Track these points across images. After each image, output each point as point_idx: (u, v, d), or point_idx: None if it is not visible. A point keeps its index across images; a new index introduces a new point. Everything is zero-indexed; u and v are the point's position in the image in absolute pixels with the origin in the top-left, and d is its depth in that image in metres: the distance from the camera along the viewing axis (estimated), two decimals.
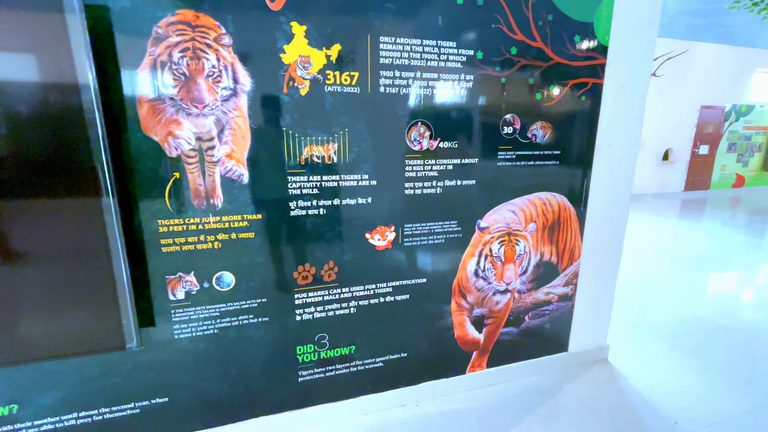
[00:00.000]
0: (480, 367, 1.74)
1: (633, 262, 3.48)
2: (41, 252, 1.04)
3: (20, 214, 1.00)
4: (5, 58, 0.93)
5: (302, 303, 1.40)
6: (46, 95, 0.97)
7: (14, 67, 0.94)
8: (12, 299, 1.04)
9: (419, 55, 1.31)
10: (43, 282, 1.06)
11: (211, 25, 1.11)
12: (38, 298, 1.06)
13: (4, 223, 0.99)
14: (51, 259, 1.05)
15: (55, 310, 1.08)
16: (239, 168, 1.22)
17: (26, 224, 1.01)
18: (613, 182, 1.72)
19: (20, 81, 0.94)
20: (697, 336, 2.23)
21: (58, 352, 1.11)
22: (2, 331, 1.05)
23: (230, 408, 1.40)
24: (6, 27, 0.91)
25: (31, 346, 1.08)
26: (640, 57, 1.61)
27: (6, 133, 0.95)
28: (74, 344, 1.12)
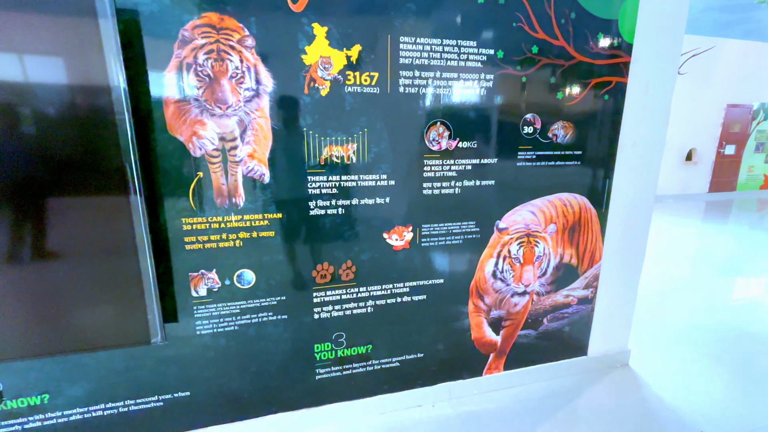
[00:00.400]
0: (497, 370, 1.73)
1: (655, 265, 3.39)
2: (73, 249, 1.08)
3: (53, 211, 1.04)
4: (41, 61, 0.97)
5: (320, 301, 1.41)
6: (79, 97, 1.00)
7: (49, 70, 0.97)
8: (45, 294, 1.08)
9: (439, 54, 1.31)
10: (74, 277, 1.10)
11: (235, 27, 1.13)
12: (69, 293, 1.10)
13: (39, 220, 1.03)
14: (82, 256, 1.09)
15: (85, 305, 1.12)
16: (261, 168, 1.24)
17: (59, 222, 1.05)
18: (636, 183, 1.68)
19: (55, 83, 0.98)
20: (723, 342, 2.16)
21: (87, 345, 1.15)
22: (37, 324, 1.09)
23: (249, 404, 1.43)
24: (42, 31, 0.95)
25: (63, 338, 1.12)
26: (667, 54, 1.56)
27: (41, 133, 0.99)
28: (102, 338, 1.16)
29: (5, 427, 1.22)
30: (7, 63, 0.94)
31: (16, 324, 1.08)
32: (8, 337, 1.08)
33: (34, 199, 1.02)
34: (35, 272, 1.06)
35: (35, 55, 0.96)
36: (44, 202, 1.03)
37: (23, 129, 0.98)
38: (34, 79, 0.96)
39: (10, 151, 0.98)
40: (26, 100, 0.97)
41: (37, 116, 0.98)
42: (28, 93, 0.97)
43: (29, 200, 1.02)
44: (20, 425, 1.23)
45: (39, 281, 1.07)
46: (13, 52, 0.94)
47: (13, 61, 0.95)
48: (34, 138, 0.99)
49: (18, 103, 0.96)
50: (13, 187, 1.00)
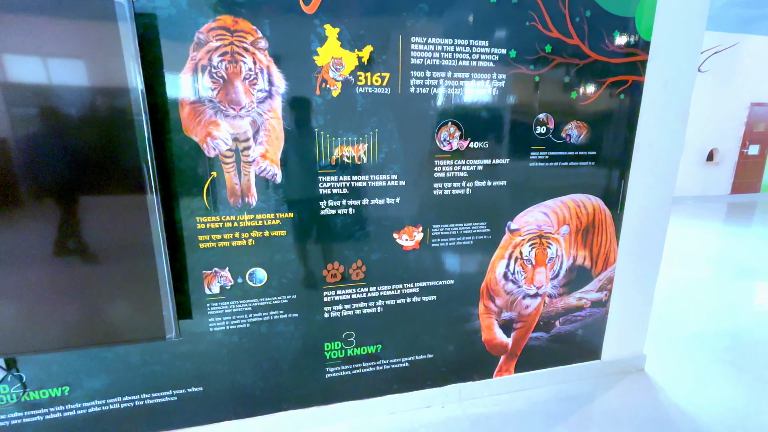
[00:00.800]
0: (508, 372, 1.71)
1: (674, 268, 3.30)
2: (92, 246, 1.12)
3: (74, 210, 1.08)
4: (63, 63, 1.00)
5: (330, 300, 1.42)
6: (99, 98, 1.03)
7: (71, 72, 1.01)
8: (66, 290, 1.12)
9: (450, 54, 1.31)
10: (92, 274, 1.13)
11: (248, 29, 1.15)
12: (89, 289, 1.14)
13: (60, 218, 1.07)
14: (100, 253, 1.13)
15: (103, 301, 1.16)
16: (273, 168, 1.26)
17: (78, 219, 1.09)
18: (653, 185, 1.64)
19: (76, 85, 1.01)
20: (744, 349, 2.09)
21: (105, 339, 1.19)
22: (58, 318, 1.13)
23: (260, 400, 1.45)
24: (65, 35, 0.98)
25: (83, 333, 1.16)
26: (686, 52, 1.52)
27: (63, 133, 1.03)
28: (119, 333, 1.19)
29: (28, 417, 1.26)
30: (31, 65, 0.98)
31: (39, 318, 1.12)
32: (31, 330, 1.12)
33: (56, 198, 1.06)
34: (56, 268, 1.10)
35: (58, 57, 0.99)
36: (65, 201, 1.07)
37: (46, 129, 1.02)
38: (57, 80, 1.00)
39: (35, 151, 1.02)
40: (49, 101, 1.00)
41: (59, 117, 1.02)
42: (50, 94, 1.00)
43: (51, 199, 1.06)
44: (42, 416, 1.27)
45: (59, 277, 1.11)
46: (37, 55, 0.98)
47: (38, 64, 0.99)
48: (56, 138, 1.03)
49: (41, 104, 1.00)
50: (37, 186, 1.04)
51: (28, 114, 1.00)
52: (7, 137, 1.00)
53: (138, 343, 1.25)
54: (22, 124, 1.00)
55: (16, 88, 0.98)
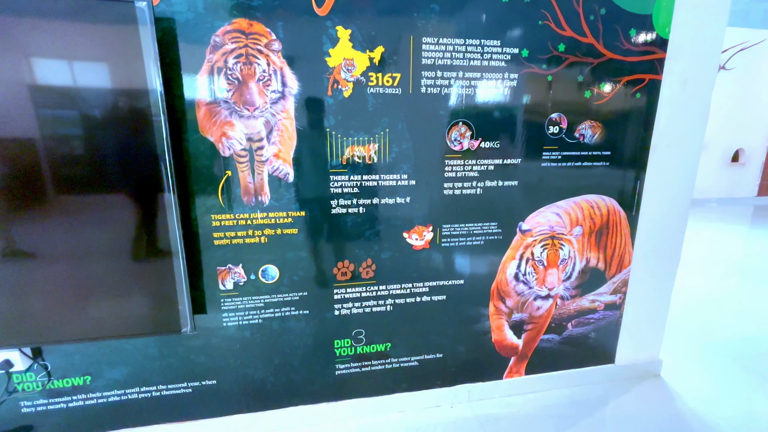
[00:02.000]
0: (518, 374, 1.70)
1: (695, 272, 3.21)
2: (112, 242, 1.16)
3: (95, 207, 1.13)
4: (86, 65, 1.04)
5: (341, 298, 1.44)
6: (119, 99, 1.08)
7: (93, 74, 1.05)
8: (88, 283, 1.17)
9: (462, 54, 1.31)
10: (113, 269, 1.18)
11: (263, 32, 1.17)
12: (109, 284, 1.19)
13: (82, 215, 1.12)
14: (120, 249, 1.17)
15: (122, 295, 1.20)
16: (286, 167, 1.28)
17: (100, 216, 1.13)
18: (670, 186, 1.60)
19: (98, 86, 1.06)
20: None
21: (124, 331, 1.24)
22: (80, 311, 1.18)
23: (271, 395, 1.48)
24: (88, 39, 1.03)
25: (103, 325, 1.21)
26: (706, 50, 1.48)
27: (85, 132, 1.08)
28: (138, 326, 1.23)
29: (52, 405, 1.32)
30: (56, 68, 1.03)
31: (62, 310, 1.17)
32: (55, 321, 1.18)
33: (79, 196, 1.11)
34: (78, 263, 1.15)
35: (82, 60, 1.04)
36: (88, 198, 1.12)
37: (71, 129, 1.07)
38: (81, 82, 1.04)
39: (60, 150, 1.07)
40: (73, 102, 1.05)
41: (82, 117, 1.07)
42: (74, 95, 1.05)
43: (75, 196, 1.11)
44: (65, 403, 1.33)
45: (81, 271, 1.16)
46: (62, 57, 1.03)
47: (62, 66, 1.03)
48: (80, 138, 1.07)
49: (66, 105, 1.05)
50: (61, 183, 1.09)
51: (54, 114, 1.05)
52: (35, 137, 1.05)
53: (155, 335, 1.30)
54: (48, 124, 1.05)
55: (42, 89, 1.03)
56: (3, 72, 1.00)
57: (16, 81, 1.01)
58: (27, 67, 1.01)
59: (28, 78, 1.02)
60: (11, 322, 1.15)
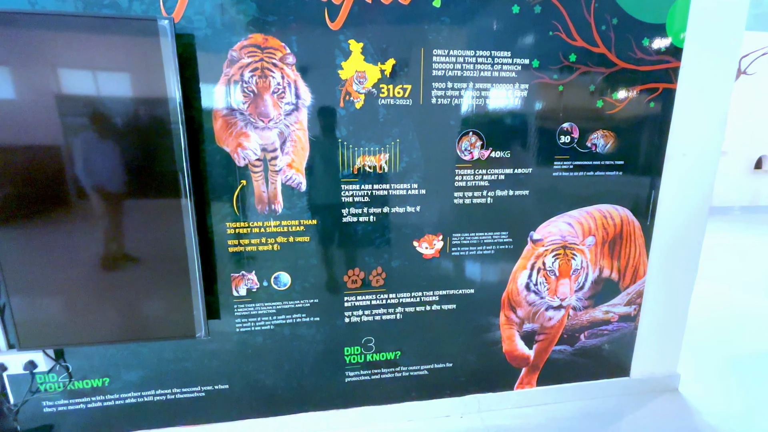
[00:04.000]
0: (529, 385, 1.68)
1: (717, 282, 3.11)
2: (131, 248, 1.21)
3: (116, 213, 1.18)
4: (111, 77, 1.10)
5: (351, 306, 1.46)
6: (141, 109, 1.13)
7: (118, 85, 1.11)
8: (108, 288, 1.22)
9: (472, 66, 1.32)
10: (131, 274, 1.22)
11: (277, 46, 1.21)
12: (127, 288, 1.23)
13: (104, 221, 1.17)
14: (138, 255, 1.22)
15: (140, 300, 1.25)
16: (298, 176, 1.31)
17: (120, 222, 1.18)
18: (687, 195, 1.57)
19: (122, 96, 1.11)
20: None
21: (141, 335, 1.28)
22: (100, 314, 1.23)
23: (282, 400, 1.50)
24: (113, 52, 1.08)
25: (121, 329, 1.25)
26: (723, 58, 1.46)
27: (108, 141, 1.13)
28: (154, 330, 1.27)
29: (73, 405, 1.37)
30: (84, 79, 1.08)
31: (83, 314, 1.22)
32: (76, 324, 1.22)
33: (101, 202, 1.16)
34: (98, 268, 1.20)
35: (108, 72, 1.10)
36: (109, 205, 1.17)
37: (95, 138, 1.12)
38: (105, 93, 1.10)
39: (84, 157, 1.12)
40: (98, 111, 1.11)
41: (106, 126, 1.12)
42: (99, 105, 1.10)
43: (97, 203, 1.16)
44: (84, 404, 1.38)
45: (102, 276, 1.21)
46: (89, 68, 1.08)
47: (88, 77, 1.09)
48: (103, 146, 1.13)
49: (91, 114, 1.10)
50: (84, 190, 1.14)
51: (79, 123, 1.11)
52: (61, 144, 1.10)
53: (170, 340, 1.34)
54: (73, 132, 1.11)
55: (70, 99, 1.09)
56: (36, 83, 1.06)
57: (46, 91, 1.07)
58: (55, 78, 1.07)
59: (55, 88, 1.07)
60: (36, 324, 1.20)
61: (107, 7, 1.12)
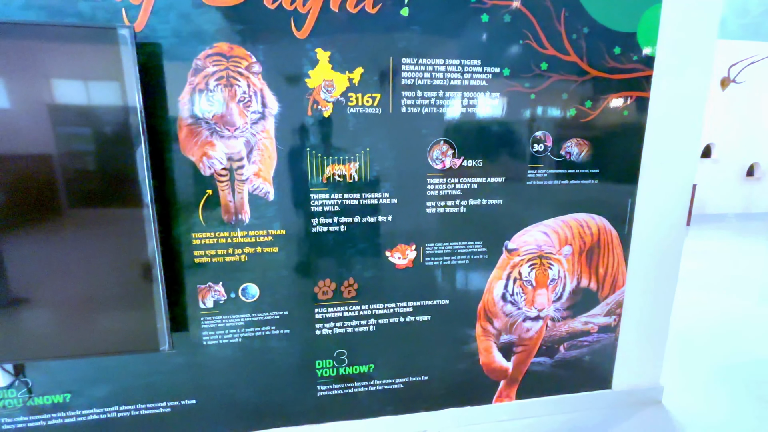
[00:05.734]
0: (508, 398, 1.64)
1: (705, 291, 3.09)
2: (92, 259, 1.18)
3: (75, 224, 1.15)
4: (71, 85, 1.08)
5: (322, 318, 1.42)
6: (101, 118, 1.11)
7: (78, 94, 1.09)
8: (67, 301, 1.19)
9: (442, 74, 1.31)
10: (92, 286, 1.19)
11: (243, 55, 1.20)
12: (87, 301, 1.20)
13: (62, 232, 1.14)
14: (100, 267, 1.19)
15: (101, 313, 1.21)
16: (266, 186, 1.29)
17: (79, 233, 1.16)
18: (664, 204, 1.56)
19: (82, 105, 1.09)
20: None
21: (102, 349, 1.24)
22: (61, 328, 1.20)
23: (252, 415, 1.45)
24: (72, 58, 1.07)
25: (81, 342, 1.21)
26: (696, 67, 1.46)
27: (66, 151, 1.11)
28: (115, 343, 1.24)
29: (32, 422, 1.33)
30: (43, 87, 1.07)
31: (42, 327, 1.19)
32: (35, 338, 1.19)
33: (59, 213, 1.13)
34: (58, 280, 1.17)
35: (67, 80, 1.08)
36: (68, 216, 1.14)
37: (53, 147, 1.10)
38: (66, 102, 1.08)
39: (40, 167, 1.10)
40: (58, 121, 1.09)
41: (66, 136, 1.10)
42: (59, 115, 1.09)
43: (55, 214, 1.13)
44: (44, 421, 1.33)
45: (61, 289, 1.18)
46: (49, 77, 1.07)
47: (49, 86, 1.07)
48: (60, 156, 1.11)
49: (48, 123, 1.08)
50: (42, 200, 1.12)
51: (38, 132, 1.09)
52: (19, 153, 1.08)
53: (133, 353, 1.30)
54: (32, 141, 1.09)
55: (29, 107, 1.07)
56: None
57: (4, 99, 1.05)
58: (15, 87, 1.05)
59: (14, 97, 1.06)
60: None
61: (71, 17, 1.11)
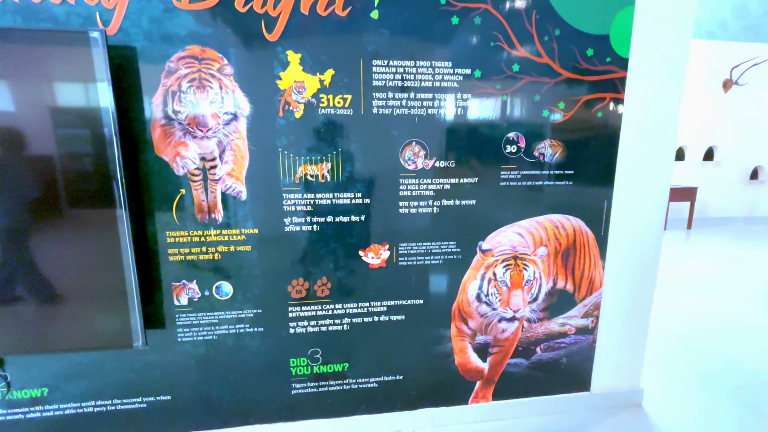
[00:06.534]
0: (485, 399, 1.64)
1: (702, 297, 3.05)
2: (66, 258, 1.21)
3: (49, 223, 1.18)
4: (42, 86, 1.11)
5: (296, 316, 1.44)
6: (74, 120, 1.14)
7: (51, 96, 1.12)
8: (42, 297, 1.22)
9: (413, 76, 1.33)
10: (67, 284, 1.22)
11: (215, 57, 1.23)
12: (62, 298, 1.23)
13: (36, 231, 1.17)
14: (74, 265, 1.22)
15: (76, 310, 1.24)
16: (238, 185, 1.32)
17: (53, 232, 1.18)
18: (641, 205, 1.55)
19: (55, 107, 1.12)
20: (763, 389, 1.88)
21: (77, 345, 1.27)
22: (37, 324, 1.23)
23: (227, 413, 1.47)
24: (46, 62, 1.10)
25: (55, 338, 1.24)
26: (670, 69, 1.45)
27: (41, 151, 1.14)
28: (90, 340, 1.26)
29: (11, 415, 1.36)
30: (16, 90, 1.10)
31: (18, 322, 1.22)
32: (12, 333, 1.22)
33: (34, 212, 1.16)
34: (34, 277, 1.20)
35: (42, 83, 1.11)
36: (42, 215, 1.17)
37: (28, 148, 1.13)
38: (39, 103, 1.11)
39: (10, 169, 1.13)
40: (29, 121, 1.12)
41: (37, 137, 1.13)
42: (31, 115, 1.12)
43: (30, 213, 1.16)
44: (23, 414, 1.36)
45: (36, 285, 1.21)
46: (23, 81, 1.10)
47: (22, 89, 1.10)
48: (34, 157, 1.14)
49: (22, 126, 1.12)
50: (16, 199, 1.15)
51: (12, 133, 1.12)
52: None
53: (107, 350, 1.32)
54: (7, 142, 1.12)
55: (5, 111, 1.10)
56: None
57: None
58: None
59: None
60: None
61: (44, 21, 1.14)
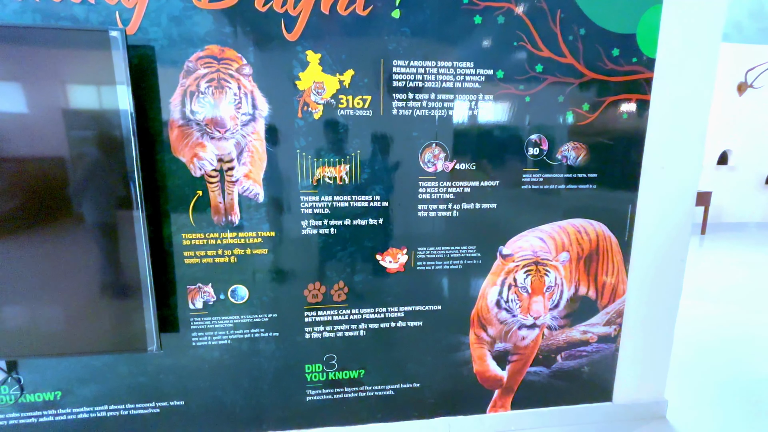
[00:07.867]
0: (503, 408, 1.59)
1: (720, 304, 2.97)
2: (83, 259, 1.19)
3: (66, 225, 1.16)
4: (62, 87, 1.10)
5: (312, 321, 1.41)
6: (93, 120, 1.13)
7: (69, 95, 1.11)
8: (57, 300, 1.20)
9: (434, 76, 1.30)
10: (82, 286, 1.21)
11: (234, 57, 1.21)
12: (78, 300, 1.21)
13: (52, 232, 1.16)
14: (90, 266, 1.20)
15: (90, 312, 1.22)
16: (255, 187, 1.29)
17: (71, 234, 1.17)
18: (667, 210, 1.51)
19: (73, 108, 1.11)
20: None
21: (92, 348, 1.25)
22: (52, 326, 1.21)
23: (240, 419, 1.44)
24: (65, 61, 1.09)
25: (72, 341, 1.22)
26: (698, 69, 1.41)
27: (58, 152, 1.12)
28: (104, 343, 1.24)
29: (24, 419, 1.34)
30: (34, 90, 1.09)
31: (35, 325, 1.20)
32: (27, 336, 1.20)
33: (51, 214, 1.15)
34: (50, 280, 1.18)
35: (61, 83, 1.10)
36: (59, 217, 1.16)
37: (45, 149, 1.12)
38: (57, 103, 1.10)
39: (32, 169, 1.12)
40: (49, 122, 1.11)
41: (56, 137, 1.12)
42: (50, 117, 1.11)
43: (47, 215, 1.15)
44: (36, 418, 1.34)
45: (53, 288, 1.19)
46: (41, 80, 1.09)
47: (40, 89, 1.09)
48: (52, 157, 1.12)
49: (40, 125, 1.11)
50: (34, 202, 1.13)
51: (30, 134, 1.11)
52: (11, 156, 1.10)
53: (121, 353, 1.30)
54: (25, 143, 1.11)
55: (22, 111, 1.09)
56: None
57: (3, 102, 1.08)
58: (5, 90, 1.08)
59: (5, 100, 1.08)
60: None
61: (64, 20, 1.13)
